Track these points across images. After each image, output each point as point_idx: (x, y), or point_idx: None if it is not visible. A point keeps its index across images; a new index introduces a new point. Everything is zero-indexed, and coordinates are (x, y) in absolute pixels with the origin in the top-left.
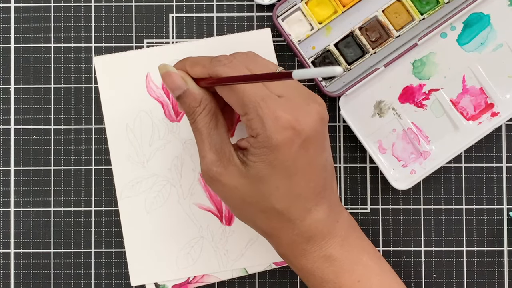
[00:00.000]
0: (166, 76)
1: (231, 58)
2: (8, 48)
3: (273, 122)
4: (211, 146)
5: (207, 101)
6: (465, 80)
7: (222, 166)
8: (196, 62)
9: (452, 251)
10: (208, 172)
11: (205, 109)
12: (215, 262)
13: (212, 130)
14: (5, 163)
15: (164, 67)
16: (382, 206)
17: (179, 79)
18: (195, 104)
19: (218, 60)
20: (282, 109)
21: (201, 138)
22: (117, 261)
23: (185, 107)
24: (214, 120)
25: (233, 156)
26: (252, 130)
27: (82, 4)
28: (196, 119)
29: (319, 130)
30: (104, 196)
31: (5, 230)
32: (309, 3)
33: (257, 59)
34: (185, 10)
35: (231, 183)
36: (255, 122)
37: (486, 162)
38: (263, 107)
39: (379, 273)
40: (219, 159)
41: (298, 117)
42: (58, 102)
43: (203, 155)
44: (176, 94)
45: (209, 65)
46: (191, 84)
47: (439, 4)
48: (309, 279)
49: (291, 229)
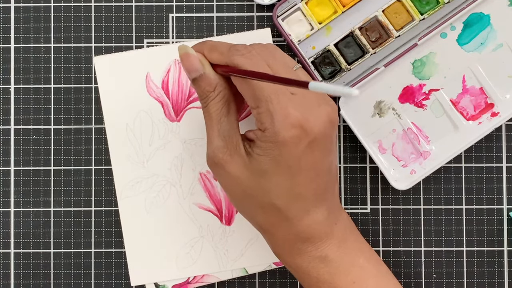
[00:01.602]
0: (185, 57)
1: (249, 48)
2: (8, 48)
3: (282, 119)
4: (220, 132)
5: (221, 87)
6: (465, 80)
7: (228, 154)
8: (215, 48)
9: (452, 251)
10: (213, 157)
11: (218, 95)
12: (215, 262)
13: (223, 116)
14: (5, 163)
15: (184, 48)
16: (382, 206)
17: (197, 62)
18: (209, 88)
19: (236, 49)
20: (293, 107)
21: (211, 123)
22: (117, 261)
23: (199, 90)
24: (226, 107)
25: (240, 146)
26: (261, 124)
27: (82, 4)
28: (209, 104)
29: (328, 132)
30: (104, 196)
31: (5, 230)
32: (309, 3)
33: (276, 53)
34: (185, 10)
35: (234, 172)
36: (265, 116)
37: (486, 162)
38: (274, 103)
39: (375, 275)
40: (226, 146)
41: (308, 117)
42: (58, 102)
43: (210, 140)
44: (192, 76)
45: (227, 53)
46: (208, 69)
47: (439, 4)
48: (305, 279)
49: (288, 227)
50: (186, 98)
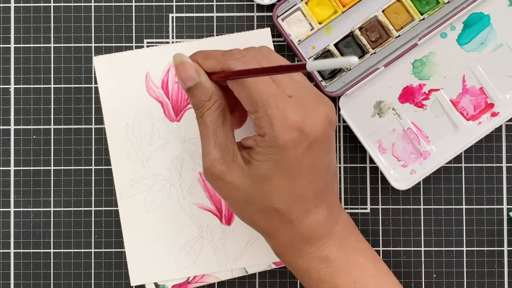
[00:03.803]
0: (180, 66)
1: (244, 52)
2: (8, 48)
3: (281, 123)
4: (216, 143)
5: (217, 96)
6: (465, 80)
7: (225, 164)
8: (209, 56)
9: (452, 251)
10: (210, 169)
11: (214, 104)
12: (215, 262)
13: (219, 126)
14: (5, 163)
15: (180, 57)
16: (382, 206)
17: (193, 70)
18: (205, 98)
19: (230, 53)
20: (291, 110)
21: (206, 134)
22: (117, 261)
23: (195, 100)
24: (221, 117)
25: (237, 155)
26: (260, 129)
27: (82, 4)
28: (204, 114)
29: (326, 133)
30: (104, 196)
31: (5, 230)
32: (309, 3)
33: (271, 55)
34: (185, 10)
35: (233, 182)
36: (263, 121)
37: (486, 162)
38: (272, 107)
39: (376, 274)
40: (223, 157)
41: (306, 119)
42: (58, 102)
43: (207, 151)
44: (188, 85)
45: (222, 58)
46: (203, 77)
47: (439, 4)
48: (305, 279)
49: (290, 229)
50: (186, 98)
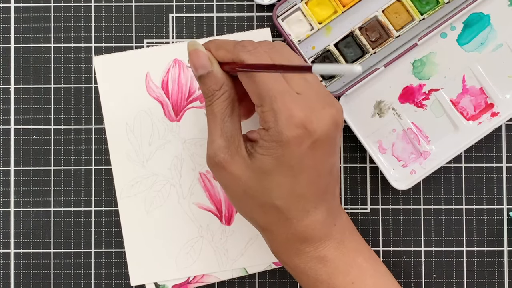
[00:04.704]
0: (194, 54)
1: (256, 45)
2: (8, 48)
3: (286, 118)
4: (223, 132)
5: (227, 86)
6: (465, 80)
7: (229, 154)
8: (221, 46)
9: (452, 251)
10: (214, 157)
11: (224, 94)
12: (215, 262)
13: (226, 116)
14: (5, 163)
15: (194, 45)
16: (382, 206)
17: (206, 59)
18: (215, 87)
19: (242, 45)
20: (297, 107)
21: (214, 122)
22: (117, 261)
23: (205, 88)
24: (230, 107)
25: (241, 147)
26: (265, 123)
27: (82, 4)
28: (213, 103)
29: (331, 134)
30: (104, 196)
31: (5, 230)
32: (309, 3)
33: (284, 50)
34: (185, 10)
35: (235, 172)
36: (269, 115)
37: (486, 162)
38: (279, 102)
39: (374, 275)
40: (227, 146)
41: (312, 118)
42: (58, 102)
43: (212, 139)
44: (200, 73)
45: (233, 49)
46: (216, 67)
47: (439, 4)
48: (303, 279)
49: (287, 227)
50: (186, 98)
